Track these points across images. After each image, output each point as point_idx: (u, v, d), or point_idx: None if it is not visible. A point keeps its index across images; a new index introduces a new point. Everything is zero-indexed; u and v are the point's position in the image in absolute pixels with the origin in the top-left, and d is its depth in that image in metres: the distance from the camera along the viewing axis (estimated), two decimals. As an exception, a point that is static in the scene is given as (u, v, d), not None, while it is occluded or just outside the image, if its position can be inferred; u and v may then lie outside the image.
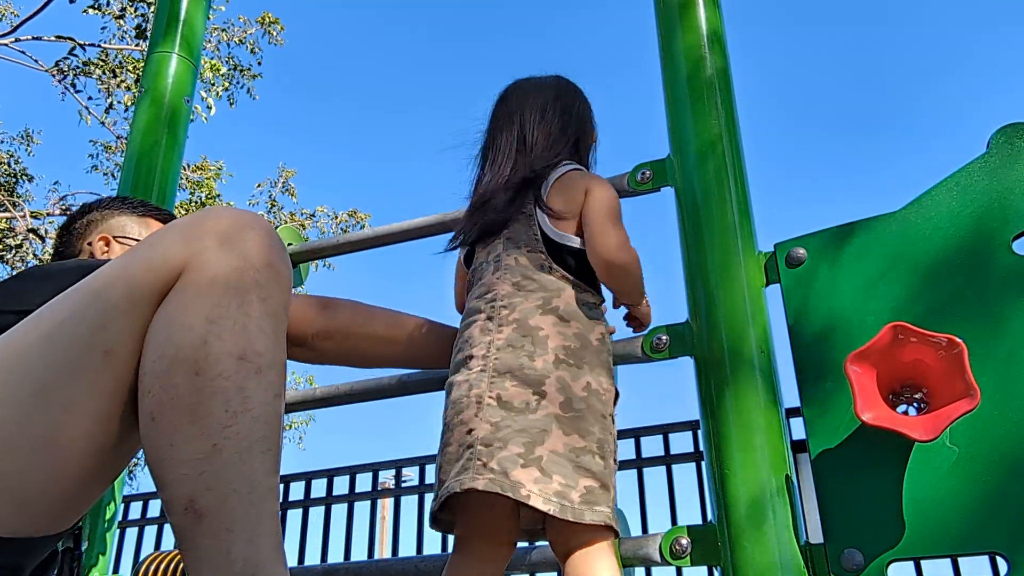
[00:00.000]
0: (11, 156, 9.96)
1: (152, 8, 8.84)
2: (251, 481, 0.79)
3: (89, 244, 1.55)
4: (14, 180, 9.86)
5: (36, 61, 8.95)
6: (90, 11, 8.68)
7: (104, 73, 9.01)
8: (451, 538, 1.39)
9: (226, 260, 0.82)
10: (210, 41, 9.69)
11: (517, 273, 1.41)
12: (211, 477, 0.77)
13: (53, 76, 8.91)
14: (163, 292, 0.82)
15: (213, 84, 8.68)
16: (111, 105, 9.13)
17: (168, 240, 0.84)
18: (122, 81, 9.03)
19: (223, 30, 9.87)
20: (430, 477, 3.99)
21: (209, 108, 8.58)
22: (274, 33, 10.10)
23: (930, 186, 1.43)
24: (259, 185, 11.16)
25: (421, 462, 3.98)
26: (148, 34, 8.94)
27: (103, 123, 9.17)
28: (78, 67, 8.95)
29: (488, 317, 1.37)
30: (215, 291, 0.81)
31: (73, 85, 8.97)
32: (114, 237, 1.55)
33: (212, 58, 9.67)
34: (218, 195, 9.99)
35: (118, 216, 1.60)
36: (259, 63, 10.10)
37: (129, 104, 8.98)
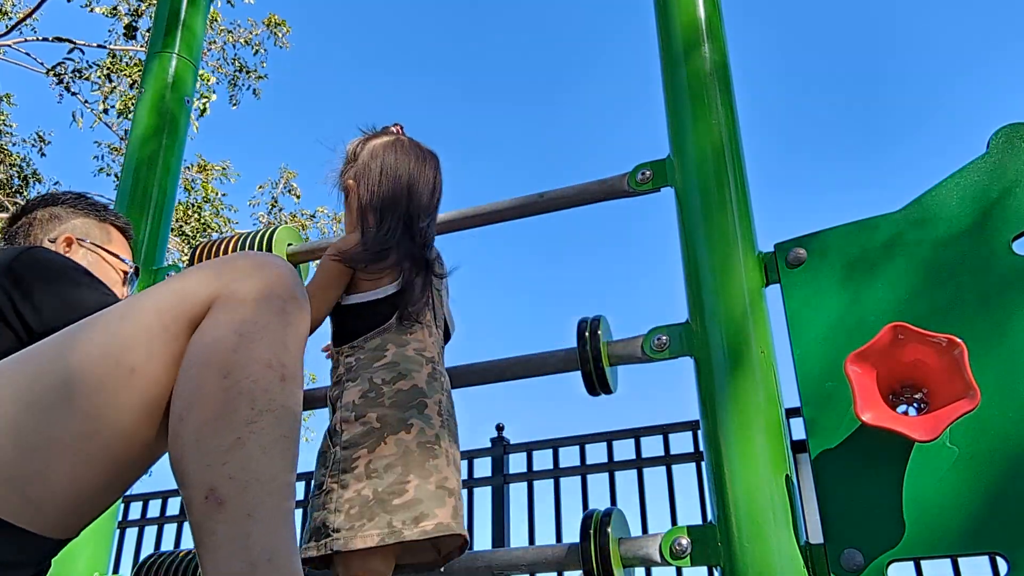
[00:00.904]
0: (23, 159, 9.92)
1: (147, 6, 8.82)
2: (272, 474, 0.83)
3: (51, 241, 1.55)
4: (25, 184, 9.83)
5: (41, 64, 8.94)
6: (92, 8, 8.66)
7: (99, 77, 8.99)
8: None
9: (256, 288, 0.90)
10: (215, 42, 9.67)
11: (439, 344, 1.58)
12: (234, 467, 0.81)
13: (52, 79, 8.89)
14: (194, 321, 0.88)
15: (204, 97, 8.59)
16: (105, 110, 9.10)
17: (201, 273, 0.92)
18: (116, 87, 9.00)
19: (229, 32, 9.84)
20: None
21: (202, 113, 8.53)
22: (280, 35, 10.08)
23: (930, 186, 1.43)
24: (260, 187, 11.15)
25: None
26: (138, 34, 8.94)
27: (94, 126, 9.14)
28: (75, 71, 8.93)
29: (431, 375, 1.49)
30: (246, 311, 0.88)
31: (68, 88, 8.94)
32: (77, 239, 1.56)
33: (217, 59, 9.66)
34: (216, 193, 9.98)
35: (82, 218, 1.60)
36: (263, 64, 10.08)
37: (122, 109, 8.95)
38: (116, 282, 1.58)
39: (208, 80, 8.70)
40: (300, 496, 4.09)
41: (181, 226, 9.55)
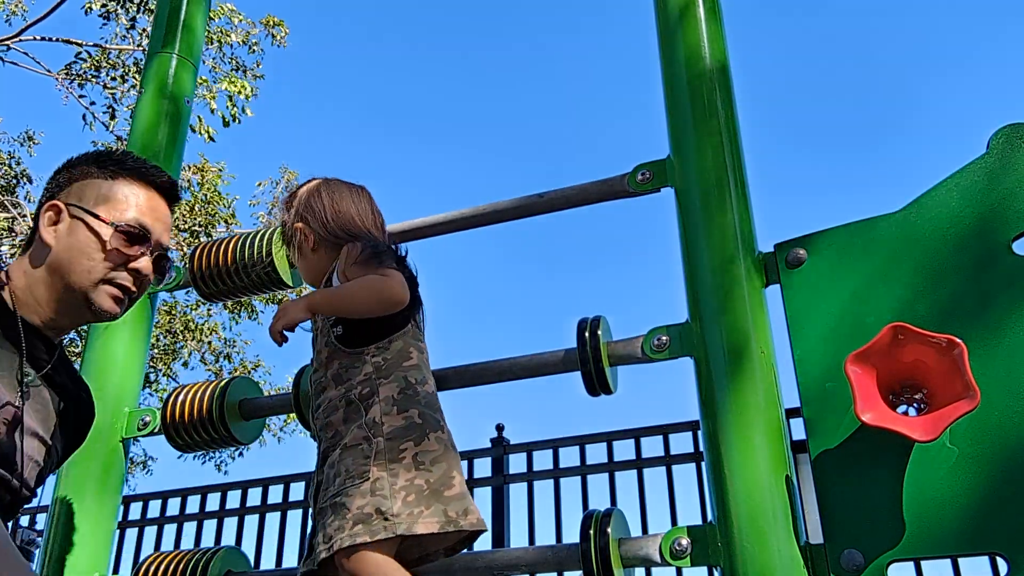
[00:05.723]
0: (12, 157, 9.91)
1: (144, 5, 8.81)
2: None
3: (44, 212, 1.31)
4: (15, 181, 9.83)
5: (37, 62, 8.93)
6: (96, 9, 8.64)
7: (113, 80, 8.97)
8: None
9: None
10: (212, 43, 9.64)
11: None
12: None
13: (58, 80, 8.87)
14: None
15: (231, 102, 8.56)
16: (113, 113, 9.10)
17: None
18: (132, 87, 8.99)
19: (226, 32, 9.81)
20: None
21: (225, 122, 8.50)
22: (278, 36, 10.06)
23: (930, 187, 1.43)
24: (260, 183, 11.14)
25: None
26: (134, 32, 8.92)
27: (107, 127, 9.12)
28: (86, 72, 8.90)
29: (434, 384, 1.59)
30: None
31: (77, 88, 8.94)
32: (66, 204, 1.30)
33: (214, 59, 9.62)
34: (222, 191, 9.97)
35: (85, 180, 1.34)
36: (258, 64, 10.05)
37: (130, 108, 8.97)
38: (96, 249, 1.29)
39: (243, 89, 8.67)
40: (300, 496, 4.09)
41: (188, 224, 9.54)
